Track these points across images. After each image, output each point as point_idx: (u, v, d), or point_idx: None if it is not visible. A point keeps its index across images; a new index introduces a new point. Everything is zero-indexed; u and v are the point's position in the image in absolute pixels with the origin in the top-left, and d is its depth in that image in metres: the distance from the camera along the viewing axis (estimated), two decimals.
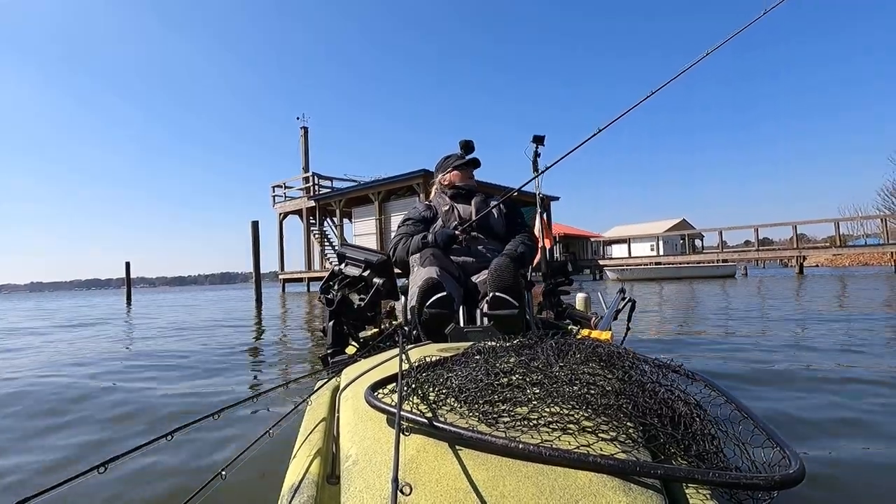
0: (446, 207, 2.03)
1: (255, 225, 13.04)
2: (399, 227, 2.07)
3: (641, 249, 27.12)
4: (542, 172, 2.09)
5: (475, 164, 2.11)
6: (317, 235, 20.41)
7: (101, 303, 16.21)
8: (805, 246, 20.86)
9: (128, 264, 18.12)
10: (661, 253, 25.91)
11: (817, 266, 28.91)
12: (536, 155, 2.20)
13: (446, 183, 2.11)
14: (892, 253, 18.43)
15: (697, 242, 28.49)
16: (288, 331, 5.52)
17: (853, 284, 10.04)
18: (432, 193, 2.21)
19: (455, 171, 2.09)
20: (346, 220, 20.28)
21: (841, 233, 18.98)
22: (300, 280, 21.07)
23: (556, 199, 22.03)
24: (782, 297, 7.27)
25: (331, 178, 20.70)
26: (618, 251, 27.65)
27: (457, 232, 1.85)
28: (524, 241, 1.96)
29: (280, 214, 21.74)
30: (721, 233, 20.48)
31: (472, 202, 2.02)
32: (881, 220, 21.02)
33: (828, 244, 22.61)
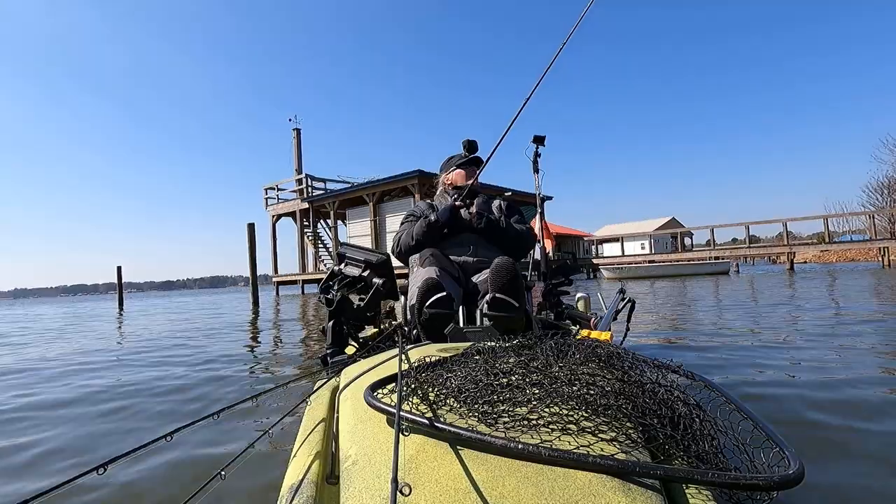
0: (447, 205, 2.03)
1: (252, 227, 12.89)
2: (402, 224, 2.09)
3: (632, 248, 27.33)
4: (506, 132, 2.03)
5: (478, 163, 2.12)
6: (310, 237, 20.33)
7: (87, 312, 14.68)
8: (795, 242, 21.07)
9: (119, 269, 17.41)
10: (652, 251, 26.10)
11: (805, 262, 29.17)
12: (537, 155, 2.20)
13: (449, 182, 2.12)
14: (879, 249, 18.69)
15: (687, 240, 28.70)
16: (286, 332, 5.50)
17: (851, 280, 10.06)
18: (437, 193, 2.22)
19: (458, 171, 2.09)
20: (339, 222, 20.20)
21: (828, 229, 19.20)
22: (294, 282, 20.99)
23: (550, 198, 22.08)
24: (782, 294, 7.29)
25: (324, 180, 20.61)
26: (609, 250, 27.81)
27: (457, 203, 1.86)
28: (523, 226, 2.03)
29: (273, 216, 21.64)
30: (713, 230, 20.63)
31: (474, 202, 2.02)
32: (869, 216, 21.32)
33: (815, 240, 22.87)
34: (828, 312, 4.92)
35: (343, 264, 1.69)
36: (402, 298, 1.86)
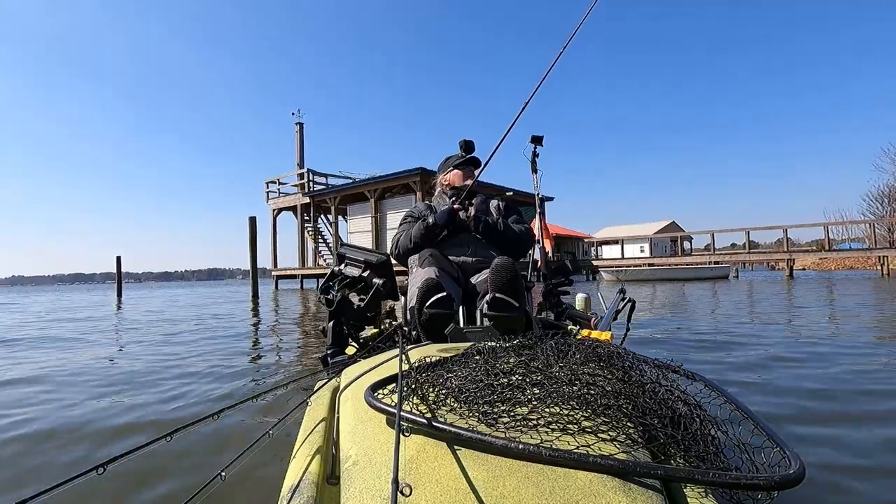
0: (445, 207, 2.03)
1: (253, 221, 12.89)
2: (400, 224, 2.09)
3: (631, 251, 27.31)
4: (521, 112, 2.02)
5: (476, 163, 2.12)
6: (311, 232, 20.34)
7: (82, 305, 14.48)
8: (795, 249, 21.10)
9: (118, 259, 17.22)
10: (651, 254, 26.11)
11: (804, 269, 29.20)
12: (535, 155, 2.20)
13: (447, 183, 2.12)
14: (879, 257, 18.75)
15: (686, 244, 28.75)
16: (286, 330, 5.48)
17: (851, 288, 10.04)
18: (435, 194, 2.22)
19: (456, 171, 2.10)
20: (340, 218, 20.21)
21: (829, 237, 19.22)
22: (293, 277, 21.01)
23: (551, 199, 22.10)
24: (783, 299, 7.28)
25: (326, 175, 20.63)
26: (608, 252, 27.82)
27: (455, 206, 1.87)
28: (521, 227, 2.03)
29: (274, 211, 21.65)
30: (713, 235, 20.66)
31: (473, 202, 2.02)
32: (868, 224, 21.39)
33: (814, 248, 22.93)
34: (827, 316, 4.93)
35: (343, 264, 1.69)
36: (402, 299, 1.86)
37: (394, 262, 1.85)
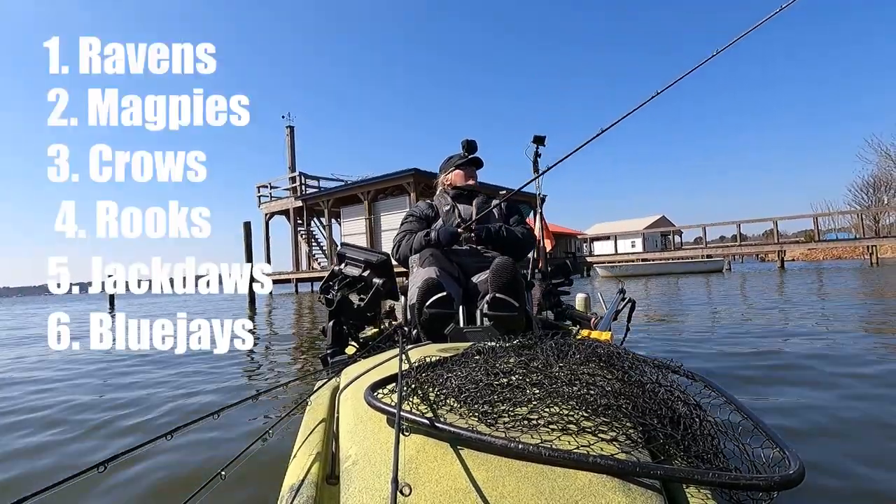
0: (447, 207, 2.03)
1: (248, 226, 12.81)
2: (401, 224, 2.08)
3: (623, 246, 27.36)
4: (544, 173, 2.05)
5: (477, 163, 2.12)
6: (304, 236, 20.19)
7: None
8: (786, 241, 21.26)
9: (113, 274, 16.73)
10: (644, 249, 26.17)
11: (793, 260, 29.34)
12: (537, 155, 2.20)
13: (448, 183, 2.11)
14: (867, 247, 18.96)
15: (676, 239, 28.81)
16: (285, 332, 5.46)
17: (846, 279, 10.01)
18: (437, 193, 2.21)
19: (457, 171, 2.09)
20: (333, 221, 20.07)
21: (818, 228, 19.43)
22: (287, 281, 20.85)
23: (544, 197, 22.03)
24: (778, 291, 7.25)
25: (318, 178, 20.42)
26: (600, 248, 27.86)
27: (459, 230, 1.86)
28: (523, 229, 2.02)
29: (266, 215, 21.44)
30: (705, 229, 20.72)
31: (474, 203, 2.02)
32: (857, 214, 21.60)
33: (802, 239, 23.09)
34: (824, 308, 4.93)
35: (343, 264, 1.69)
36: (402, 298, 1.86)
37: (393, 262, 1.85)
